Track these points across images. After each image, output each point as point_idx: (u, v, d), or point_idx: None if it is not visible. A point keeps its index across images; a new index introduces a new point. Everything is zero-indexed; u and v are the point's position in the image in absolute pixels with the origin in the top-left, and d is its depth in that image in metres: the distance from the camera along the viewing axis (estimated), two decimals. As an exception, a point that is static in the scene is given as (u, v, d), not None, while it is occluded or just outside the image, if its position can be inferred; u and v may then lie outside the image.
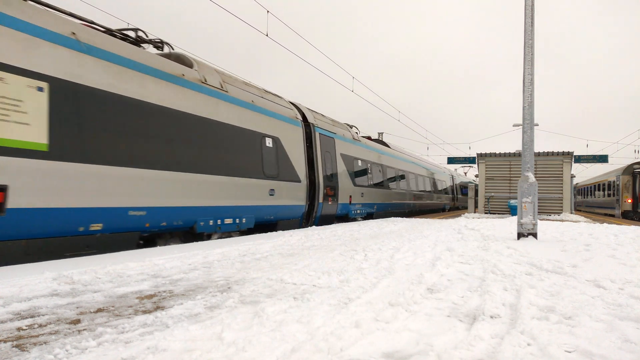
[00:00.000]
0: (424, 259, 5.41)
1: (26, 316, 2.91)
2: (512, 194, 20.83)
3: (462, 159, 27.95)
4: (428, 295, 3.54)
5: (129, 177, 6.26)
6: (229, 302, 3.26)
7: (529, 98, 8.15)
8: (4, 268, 4.49)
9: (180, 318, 2.87)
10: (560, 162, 20.22)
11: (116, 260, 5.09)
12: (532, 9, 8.20)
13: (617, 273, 4.47)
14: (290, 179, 10.56)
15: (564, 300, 3.34)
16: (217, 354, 2.23)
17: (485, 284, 3.94)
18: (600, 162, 24.32)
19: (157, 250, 6.25)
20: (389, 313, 2.93)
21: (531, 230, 7.89)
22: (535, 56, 8.23)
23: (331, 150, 13.25)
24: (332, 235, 8.74)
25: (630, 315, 2.94)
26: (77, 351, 2.27)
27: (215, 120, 8.12)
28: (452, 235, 8.80)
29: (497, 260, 5.27)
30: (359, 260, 5.28)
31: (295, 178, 10.83)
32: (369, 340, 2.45)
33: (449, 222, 13.90)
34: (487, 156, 21.84)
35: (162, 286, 3.89)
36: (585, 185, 39.05)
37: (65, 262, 4.94)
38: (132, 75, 6.49)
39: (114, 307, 3.16)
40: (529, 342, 2.42)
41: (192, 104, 7.58)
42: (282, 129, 10.46)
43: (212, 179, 7.90)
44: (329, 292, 3.63)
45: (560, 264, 4.99)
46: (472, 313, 3.03)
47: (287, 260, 5.41)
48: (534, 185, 8.05)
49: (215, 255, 5.75)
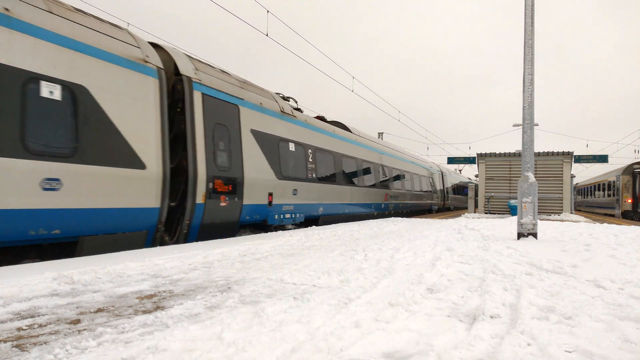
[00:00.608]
0: (424, 259, 5.41)
1: (26, 316, 2.91)
2: (512, 194, 20.83)
3: (462, 159, 27.98)
4: (428, 295, 3.54)
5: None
6: (229, 302, 3.26)
7: (529, 98, 8.15)
8: (4, 268, 4.49)
9: (180, 318, 2.87)
10: (560, 162, 20.22)
11: (116, 260, 5.09)
12: (532, 9, 8.20)
13: (617, 273, 4.47)
14: (113, 162, 6.28)
15: (564, 300, 3.34)
16: (217, 354, 2.23)
17: (485, 284, 3.94)
18: (600, 162, 24.37)
19: (157, 250, 6.24)
20: (389, 313, 2.94)
21: (531, 230, 7.89)
22: (535, 56, 8.23)
23: (231, 124, 8.87)
24: (332, 235, 8.75)
25: (630, 315, 2.94)
26: (77, 351, 2.27)
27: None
28: (452, 235, 8.80)
29: (497, 260, 5.27)
30: (359, 260, 5.28)
31: (130, 160, 6.53)
32: (369, 340, 2.45)
33: (449, 222, 13.90)
34: (487, 156, 21.85)
35: (162, 286, 3.89)
36: (585, 185, 39.05)
37: (65, 262, 4.94)
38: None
39: (114, 307, 3.16)
40: (529, 342, 2.42)
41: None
42: (96, 72, 6.16)
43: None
44: (329, 292, 3.63)
45: (560, 264, 4.98)
46: (472, 313, 3.03)
47: (287, 260, 5.41)
48: (534, 185, 8.05)
49: (215, 255, 5.75)
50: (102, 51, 6.33)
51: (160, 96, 7.16)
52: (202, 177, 7.82)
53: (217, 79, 8.79)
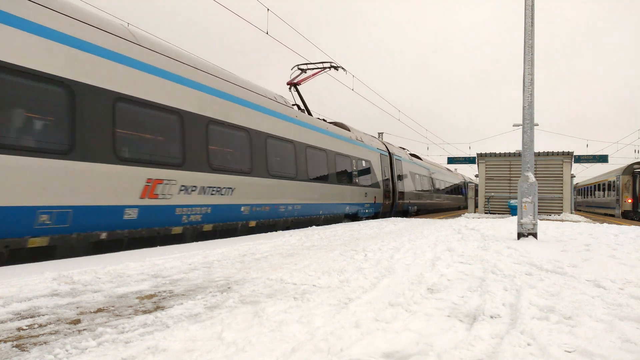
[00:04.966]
0: (424, 259, 5.41)
1: (26, 316, 2.91)
2: (512, 194, 20.83)
3: (462, 159, 27.97)
4: (428, 295, 3.54)
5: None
6: (229, 302, 3.26)
7: (529, 98, 8.15)
8: (4, 268, 4.49)
9: (180, 318, 2.87)
10: (560, 162, 20.23)
11: (116, 260, 5.09)
12: (532, 9, 8.20)
13: (617, 273, 4.47)
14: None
15: (564, 300, 3.34)
16: (217, 354, 2.23)
17: (485, 284, 3.94)
18: (600, 162, 24.36)
19: (157, 250, 6.25)
20: (389, 313, 2.93)
21: (531, 230, 7.89)
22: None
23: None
24: (332, 235, 8.75)
25: (630, 315, 2.94)
26: (77, 351, 2.27)
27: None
28: (452, 235, 8.80)
29: (497, 260, 5.27)
30: (359, 260, 5.28)
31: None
32: (369, 340, 2.45)
33: (449, 222, 13.90)
34: (487, 156, 21.85)
35: (162, 286, 3.89)
36: (585, 185, 39.05)
37: (65, 262, 4.95)
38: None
39: (114, 307, 3.16)
40: (529, 342, 2.42)
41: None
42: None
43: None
44: (329, 292, 3.63)
45: (560, 264, 4.98)
46: (472, 313, 3.03)
47: (287, 260, 5.41)
48: (534, 185, 8.05)
49: (215, 255, 5.75)
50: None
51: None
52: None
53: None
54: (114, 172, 6.33)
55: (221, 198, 8.67)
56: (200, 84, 8.34)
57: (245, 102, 9.75)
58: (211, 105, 8.53)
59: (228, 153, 9.16)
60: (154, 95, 7.14)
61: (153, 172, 6.97)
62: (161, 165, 7.15)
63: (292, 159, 11.47)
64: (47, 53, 5.52)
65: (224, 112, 8.93)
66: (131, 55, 6.87)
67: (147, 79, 7.08)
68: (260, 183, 9.98)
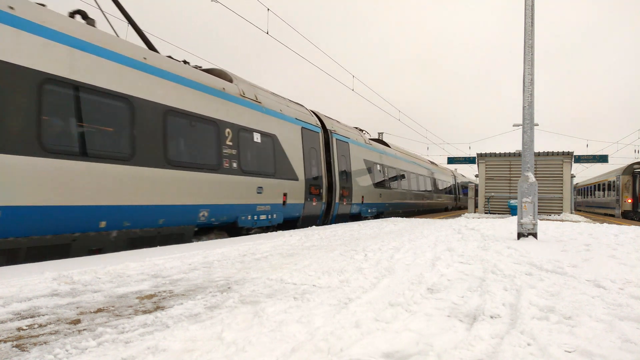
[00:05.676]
0: (424, 259, 5.41)
1: (26, 316, 2.91)
2: (512, 194, 20.83)
3: (462, 159, 27.98)
4: (428, 295, 3.54)
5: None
6: (229, 302, 3.26)
7: (529, 98, 8.15)
8: (4, 268, 4.49)
9: (180, 318, 2.87)
10: (560, 162, 20.23)
11: (116, 260, 5.09)
12: (532, 9, 8.20)
13: (617, 273, 4.47)
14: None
15: (564, 300, 3.34)
16: (217, 354, 2.23)
17: (485, 284, 3.94)
18: (600, 162, 24.36)
19: (157, 250, 6.25)
20: (389, 313, 2.93)
21: (531, 230, 7.89)
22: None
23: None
24: (332, 235, 8.75)
25: (630, 315, 2.93)
26: (77, 351, 2.26)
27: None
28: (452, 235, 8.80)
29: (497, 260, 5.27)
30: (359, 260, 5.28)
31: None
32: (369, 340, 2.45)
33: (449, 222, 13.90)
34: (487, 156, 21.86)
35: (162, 286, 3.89)
36: (585, 185, 39.05)
37: (65, 262, 4.95)
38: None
39: (114, 307, 3.16)
40: (529, 342, 2.42)
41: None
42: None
43: None
44: (329, 292, 3.63)
45: (560, 264, 4.98)
46: (472, 313, 3.03)
47: (287, 260, 5.41)
48: (534, 185, 8.05)
49: (215, 255, 5.75)
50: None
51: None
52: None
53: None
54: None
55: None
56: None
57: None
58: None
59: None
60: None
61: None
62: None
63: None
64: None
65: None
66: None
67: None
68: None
